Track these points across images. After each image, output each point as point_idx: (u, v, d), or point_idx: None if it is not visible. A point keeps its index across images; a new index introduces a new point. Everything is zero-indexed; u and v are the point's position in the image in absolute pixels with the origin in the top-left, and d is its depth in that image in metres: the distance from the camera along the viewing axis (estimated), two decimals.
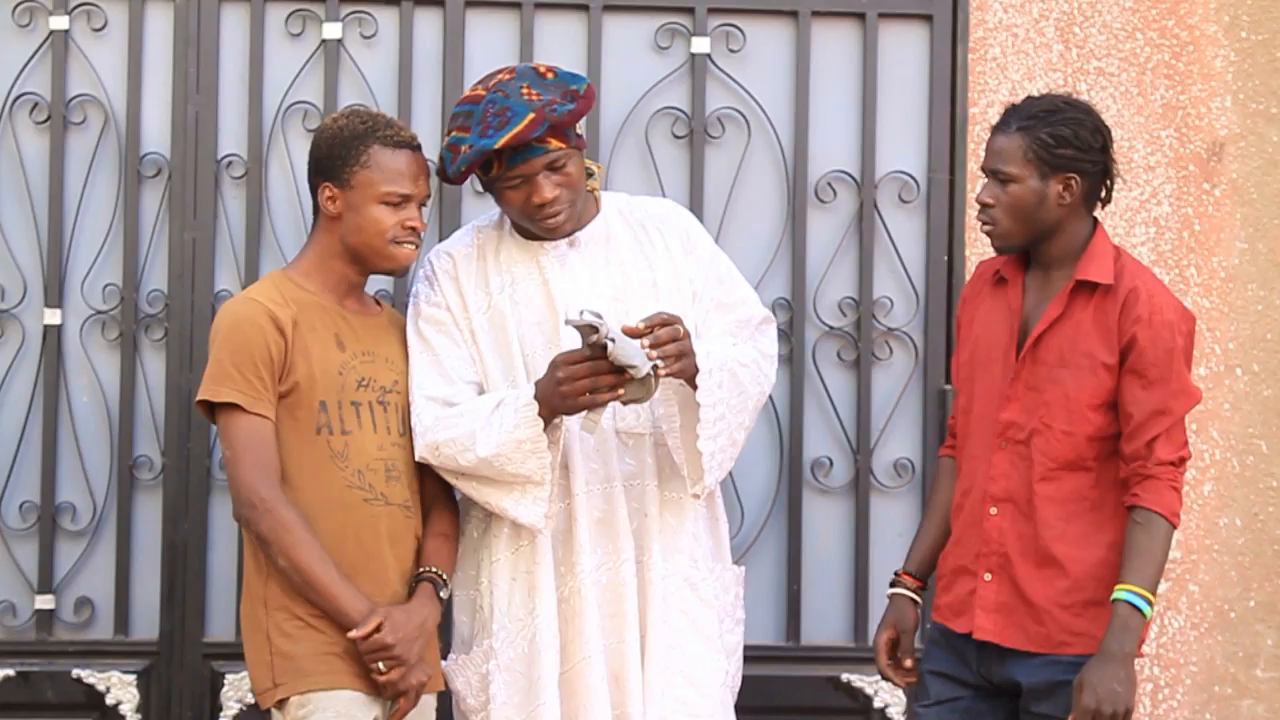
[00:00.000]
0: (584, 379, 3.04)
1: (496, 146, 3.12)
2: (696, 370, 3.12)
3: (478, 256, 3.34)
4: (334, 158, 3.23)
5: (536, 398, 3.10)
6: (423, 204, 3.29)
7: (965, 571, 3.21)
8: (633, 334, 3.03)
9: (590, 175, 3.35)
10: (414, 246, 3.27)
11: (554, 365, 3.09)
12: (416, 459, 3.26)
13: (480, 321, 3.29)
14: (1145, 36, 4.15)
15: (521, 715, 3.21)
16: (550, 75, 3.20)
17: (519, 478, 3.15)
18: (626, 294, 3.28)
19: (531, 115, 3.12)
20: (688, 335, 3.12)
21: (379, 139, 3.22)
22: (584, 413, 3.11)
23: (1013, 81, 4.10)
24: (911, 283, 4.10)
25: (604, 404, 3.07)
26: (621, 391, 3.05)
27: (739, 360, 3.24)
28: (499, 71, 3.25)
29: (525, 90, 3.15)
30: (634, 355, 3.01)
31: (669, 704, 3.20)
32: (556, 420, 3.14)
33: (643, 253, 3.33)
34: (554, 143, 3.16)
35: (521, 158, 3.15)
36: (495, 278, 3.31)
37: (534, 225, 3.25)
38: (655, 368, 3.02)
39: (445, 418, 3.20)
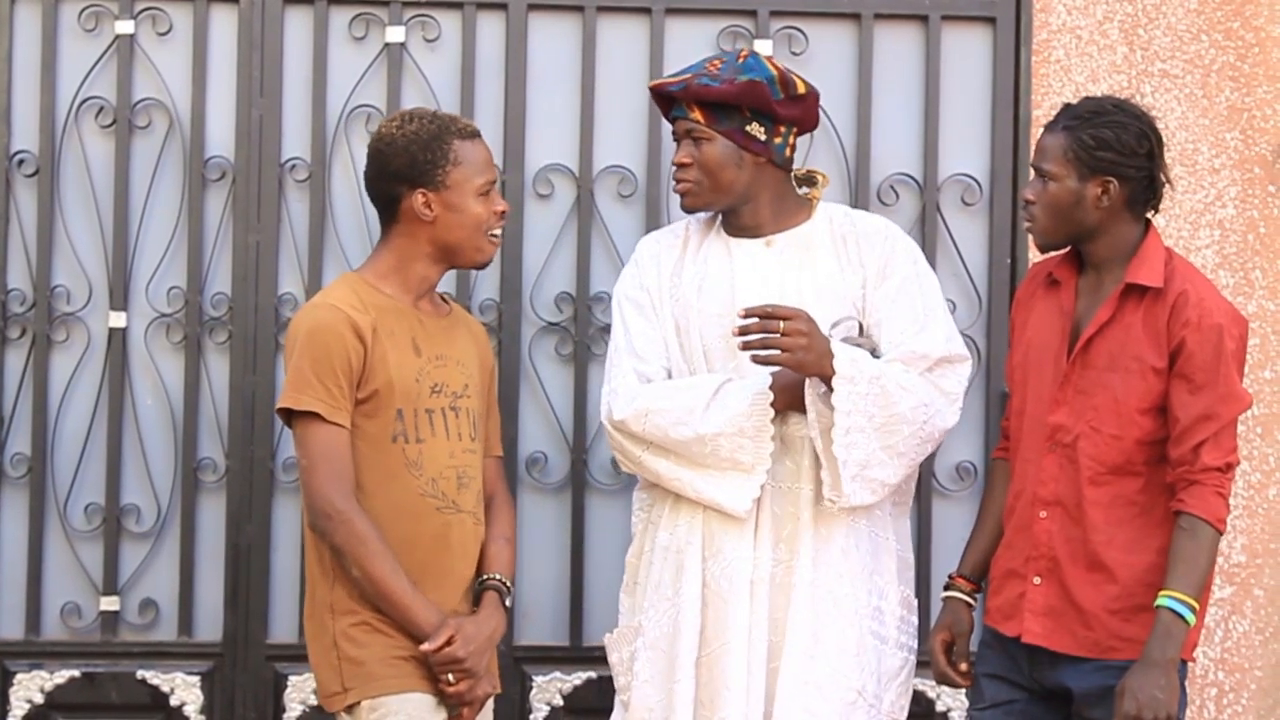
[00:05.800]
0: None
1: (649, 84, 3.53)
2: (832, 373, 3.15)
3: (681, 246, 3.46)
4: (419, 162, 3.19)
5: (773, 388, 3.20)
6: None
7: (1015, 575, 3.20)
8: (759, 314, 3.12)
9: (814, 184, 3.45)
10: (499, 235, 3.29)
11: None
12: (608, 422, 3.33)
13: (669, 307, 3.39)
14: (1210, 38, 4.13)
15: (661, 693, 3.27)
16: (742, 60, 3.35)
17: (728, 462, 3.22)
18: (808, 298, 3.30)
19: (686, 77, 3.34)
20: (807, 336, 3.12)
21: (456, 134, 3.23)
22: None
23: (1076, 84, 4.08)
24: (974, 285, 4.09)
25: None
26: None
27: (899, 382, 3.21)
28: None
29: (714, 62, 3.37)
30: None
31: (795, 710, 3.21)
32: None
33: (838, 263, 3.37)
34: (695, 113, 3.32)
35: (672, 114, 3.38)
36: (691, 267, 3.41)
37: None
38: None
39: (659, 387, 3.29)
